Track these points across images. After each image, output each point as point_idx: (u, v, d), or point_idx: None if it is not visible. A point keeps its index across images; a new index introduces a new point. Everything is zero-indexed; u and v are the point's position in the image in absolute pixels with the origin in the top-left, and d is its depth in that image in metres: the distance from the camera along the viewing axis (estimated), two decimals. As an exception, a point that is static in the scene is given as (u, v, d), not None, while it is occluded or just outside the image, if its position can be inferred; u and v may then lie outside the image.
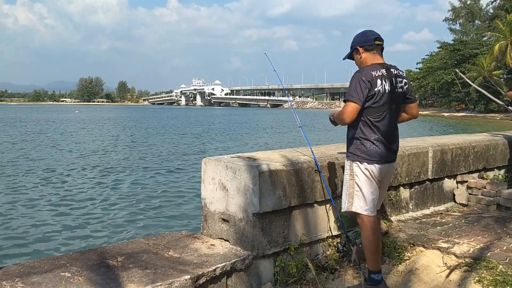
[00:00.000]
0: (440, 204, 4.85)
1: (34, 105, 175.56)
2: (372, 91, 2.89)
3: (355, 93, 2.89)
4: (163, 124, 46.55)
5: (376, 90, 2.90)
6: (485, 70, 41.18)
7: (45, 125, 43.19)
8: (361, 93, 2.88)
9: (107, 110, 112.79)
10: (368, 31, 3.08)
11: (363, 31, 3.12)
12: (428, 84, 62.45)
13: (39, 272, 2.63)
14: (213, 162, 3.35)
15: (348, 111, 2.92)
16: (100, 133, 33.47)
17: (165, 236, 3.38)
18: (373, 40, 3.01)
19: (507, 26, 42.98)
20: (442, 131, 33.02)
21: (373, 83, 2.89)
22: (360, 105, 2.90)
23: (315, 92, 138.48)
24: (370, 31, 3.08)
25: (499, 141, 5.51)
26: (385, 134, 2.98)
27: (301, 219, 3.40)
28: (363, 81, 2.88)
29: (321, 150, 4.01)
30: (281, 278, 3.19)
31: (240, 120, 55.68)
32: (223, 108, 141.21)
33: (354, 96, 2.89)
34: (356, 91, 2.89)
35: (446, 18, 76.05)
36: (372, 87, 2.89)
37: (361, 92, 2.88)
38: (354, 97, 2.89)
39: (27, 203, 10.46)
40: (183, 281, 2.59)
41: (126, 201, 10.78)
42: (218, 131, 36.12)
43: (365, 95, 2.89)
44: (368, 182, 2.99)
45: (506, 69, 46.09)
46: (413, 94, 3.20)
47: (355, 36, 3.11)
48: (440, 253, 3.46)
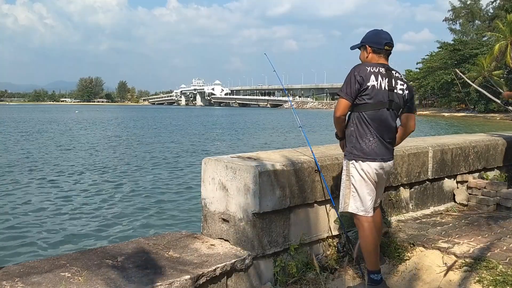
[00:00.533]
0: (440, 204, 4.85)
1: (34, 105, 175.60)
2: (364, 85, 2.89)
3: (345, 88, 2.95)
4: (163, 124, 46.56)
5: (369, 85, 2.89)
6: (485, 70, 41.18)
7: (45, 125, 43.19)
8: (350, 88, 2.92)
9: (107, 110, 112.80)
10: (382, 33, 3.06)
11: (377, 31, 3.09)
12: (428, 84, 62.46)
13: (39, 272, 2.63)
14: (213, 162, 3.35)
15: (338, 107, 2.99)
16: (100, 133, 33.48)
17: (165, 236, 3.38)
18: (384, 45, 3.01)
19: (507, 26, 42.98)
20: (442, 131, 33.02)
21: (366, 78, 2.89)
22: (349, 101, 2.94)
23: (315, 92, 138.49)
24: (384, 34, 3.05)
25: (499, 141, 5.51)
26: (381, 132, 2.96)
27: (301, 219, 3.40)
28: (354, 76, 2.91)
29: (321, 150, 4.01)
30: (281, 278, 3.19)
31: (240, 120, 55.69)
32: (223, 108, 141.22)
33: (343, 91, 2.95)
34: (346, 86, 2.95)
35: (446, 18, 76.14)
36: (364, 82, 2.89)
37: (350, 88, 2.92)
38: (343, 91, 2.95)
39: (27, 203, 10.46)
40: (183, 281, 2.59)
41: (126, 201, 10.78)
42: (218, 131, 36.13)
43: (354, 90, 2.91)
44: (363, 183, 2.98)
45: (506, 69, 46.08)
46: (414, 106, 3.18)
47: (369, 33, 3.10)
48: (440, 253, 3.47)
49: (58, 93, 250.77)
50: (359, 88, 2.90)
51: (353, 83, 2.91)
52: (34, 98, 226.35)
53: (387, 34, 3.06)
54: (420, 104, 72.93)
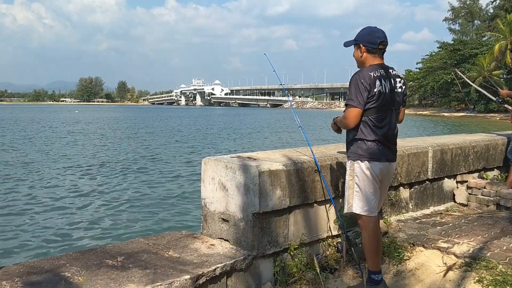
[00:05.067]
0: (440, 204, 4.86)
1: (34, 105, 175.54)
2: (372, 92, 2.90)
3: (355, 97, 2.91)
4: (163, 124, 46.56)
5: (375, 91, 2.90)
6: (485, 70, 41.19)
7: (44, 125, 43.20)
8: (361, 97, 2.90)
9: (107, 110, 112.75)
10: (375, 32, 3.03)
11: (371, 29, 3.06)
12: (428, 84, 62.46)
13: (39, 272, 2.63)
14: (213, 162, 3.35)
15: (351, 116, 2.95)
16: (100, 133, 33.46)
17: (165, 236, 3.38)
18: (378, 44, 2.99)
19: (507, 26, 42.98)
20: (442, 131, 33.01)
21: (372, 84, 2.90)
22: (361, 109, 2.92)
23: (315, 92, 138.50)
24: (377, 32, 3.03)
25: (499, 141, 5.52)
26: (386, 134, 2.99)
27: (301, 219, 3.40)
28: (362, 83, 2.89)
29: (321, 150, 4.01)
30: (281, 278, 3.19)
31: (240, 120, 55.69)
32: (223, 108, 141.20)
33: (355, 101, 2.91)
34: (356, 95, 2.91)
35: (446, 18, 76.18)
36: (371, 88, 2.89)
37: (361, 96, 2.89)
38: (354, 101, 2.91)
39: (27, 203, 10.45)
40: (183, 281, 2.59)
41: (126, 201, 10.77)
42: (218, 131, 36.12)
43: (365, 98, 2.90)
44: (368, 182, 2.99)
45: (506, 69, 46.09)
46: (406, 98, 3.20)
47: (362, 31, 3.07)
48: (440, 253, 3.47)
49: (58, 93, 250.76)
50: (367, 95, 2.90)
51: (363, 91, 2.89)
52: (34, 98, 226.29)
53: (381, 32, 3.04)
54: (420, 104, 72.98)
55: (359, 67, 3.07)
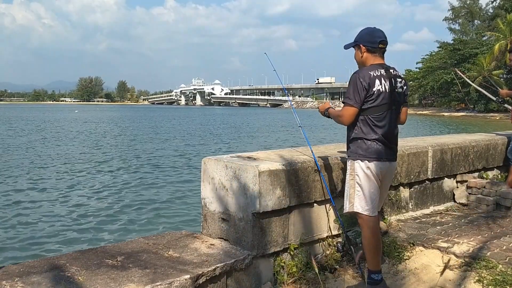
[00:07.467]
0: (440, 203, 4.85)
1: (34, 104, 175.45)
2: (370, 91, 2.90)
3: (353, 96, 2.92)
4: (163, 124, 46.54)
5: (374, 90, 2.90)
6: (485, 69, 41.18)
7: (44, 125, 43.18)
8: (358, 96, 2.91)
9: (107, 109, 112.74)
10: (375, 32, 3.04)
11: (371, 29, 3.08)
12: (428, 83, 62.40)
13: (39, 272, 2.63)
14: (213, 162, 3.35)
15: (346, 114, 2.97)
16: (99, 133, 33.46)
17: (165, 236, 3.38)
18: (378, 43, 3.00)
19: (507, 25, 42.98)
20: (442, 130, 33.01)
21: (371, 83, 2.90)
22: (357, 108, 2.93)
23: (314, 91, 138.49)
24: (377, 32, 3.04)
25: (499, 141, 5.52)
26: (386, 134, 2.99)
27: (300, 219, 3.40)
28: (360, 82, 2.90)
29: (321, 149, 4.01)
30: (280, 278, 3.19)
31: (240, 120, 55.66)
32: (223, 108, 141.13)
33: (352, 99, 2.92)
34: (353, 93, 2.92)
35: (445, 17, 76.14)
36: (370, 87, 2.90)
37: (359, 95, 2.90)
38: (351, 100, 2.93)
39: (27, 203, 10.45)
40: (183, 280, 2.59)
41: (125, 201, 10.77)
42: (218, 131, 36.11)
43: (362, 97, 2.90)
44: (368, 181, 2.99)
45: (506, 69, 46.08)
46: (407, 99, 3.19)
47: (362, 32, 3.08)
48: (440, 252, 3.47)
49: (57, 93, 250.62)
50: (365, 94, 2.90)
51: (361, 90, 2.89)
52: (34, 98, 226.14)
53: (381, 32, 3.05)
54: (420, 104, 72.94)
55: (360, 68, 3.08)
